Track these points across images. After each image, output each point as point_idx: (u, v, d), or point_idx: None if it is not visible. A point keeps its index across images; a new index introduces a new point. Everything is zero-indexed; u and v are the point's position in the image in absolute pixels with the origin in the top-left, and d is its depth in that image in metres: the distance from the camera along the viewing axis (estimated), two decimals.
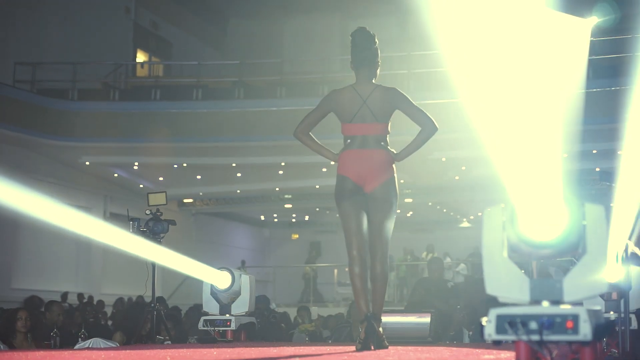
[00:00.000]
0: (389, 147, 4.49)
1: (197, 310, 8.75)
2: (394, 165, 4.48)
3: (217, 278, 6.03)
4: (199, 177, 17.00)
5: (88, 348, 5.42)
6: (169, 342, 6.22)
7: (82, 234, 5.77)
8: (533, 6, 2.85)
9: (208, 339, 5.91)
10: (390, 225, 4.42)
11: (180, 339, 6.92)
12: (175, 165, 16.06)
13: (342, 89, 4.49)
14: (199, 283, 6.19)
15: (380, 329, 4.38)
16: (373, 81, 4.51)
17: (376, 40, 4.55)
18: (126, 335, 7.34)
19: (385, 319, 4.84)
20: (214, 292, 6.06)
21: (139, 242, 6.03)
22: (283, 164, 15.43)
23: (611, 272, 3.73)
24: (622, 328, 4.03)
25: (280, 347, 4.95)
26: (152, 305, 6.18)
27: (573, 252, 2.54)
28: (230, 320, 5.96)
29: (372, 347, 4.23)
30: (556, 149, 2.63)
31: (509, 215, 2.52)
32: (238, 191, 18.42)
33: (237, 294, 6.05)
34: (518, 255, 2.56)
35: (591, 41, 12.66)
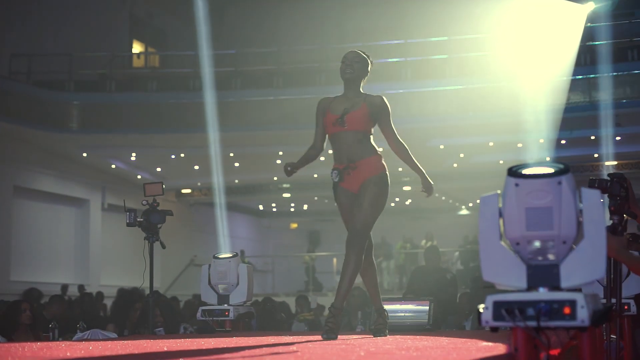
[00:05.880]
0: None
1: (196, 300, 8.76)
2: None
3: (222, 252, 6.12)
4: (196, 167, 16.98)
5: (86, 339, 5.41)
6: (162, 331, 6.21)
7: (81, 225, 5.79)
8: None
9: (206, 329, 5.90)
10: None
11: (174, 329, 6.93)
12: (173, 156, 16.02)
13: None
14: (198, 274, 6.17)
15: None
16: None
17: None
18: (119, 326, 7.34)
19: (384, 306, 4.93)
20: (211, 282, 6.04)
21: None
22: (281, 153, 15.38)
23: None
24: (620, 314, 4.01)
25: (278, 336, 4.95)
26: (149, 296, 6.16)
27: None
28: (228, 310, 5.95)
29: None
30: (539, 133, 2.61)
31: (511, 168, 2.48)
32: (236, 181, 18.39)
33: (235, 282, 6.03)
34: (515, 204, 2.47)
35: (592, 27, 12.60)
